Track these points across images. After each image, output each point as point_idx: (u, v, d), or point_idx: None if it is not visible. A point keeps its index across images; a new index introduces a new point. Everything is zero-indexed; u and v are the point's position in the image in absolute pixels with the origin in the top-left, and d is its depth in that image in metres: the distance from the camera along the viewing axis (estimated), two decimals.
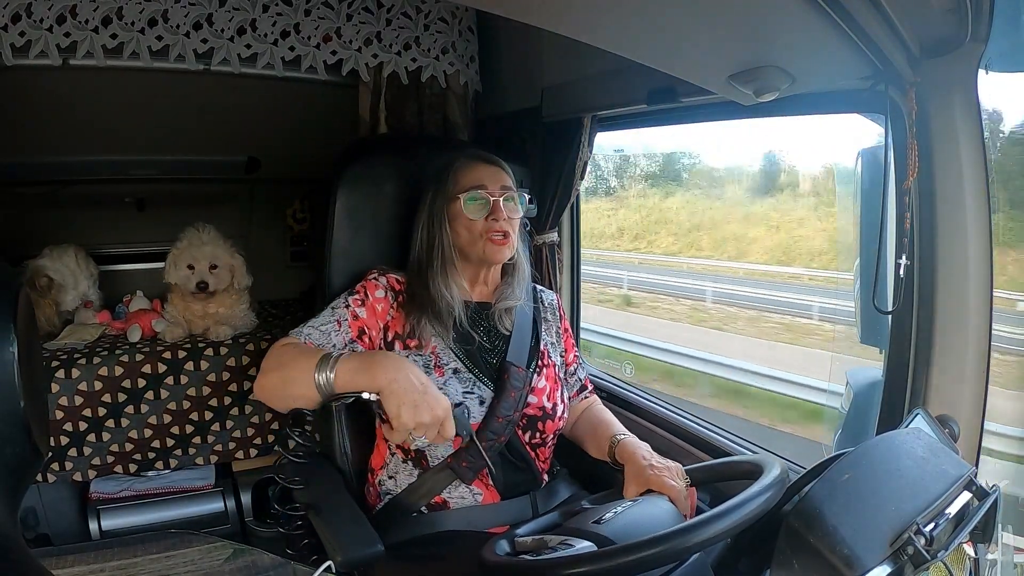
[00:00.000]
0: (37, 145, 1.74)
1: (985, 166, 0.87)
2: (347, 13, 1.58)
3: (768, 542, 0.67)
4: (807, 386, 3.27)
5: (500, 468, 1.06)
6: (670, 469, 0.96)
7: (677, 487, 0.93)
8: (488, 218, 1.07)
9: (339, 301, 1.08)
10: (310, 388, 0.92)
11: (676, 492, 0.92)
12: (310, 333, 1.04)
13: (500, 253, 1.09)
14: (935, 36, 0.84)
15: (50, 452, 1.48)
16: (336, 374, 0.91)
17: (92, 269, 1.81)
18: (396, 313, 1.09)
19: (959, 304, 0.89)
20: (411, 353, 1.06)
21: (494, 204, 1.07)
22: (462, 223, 1.08)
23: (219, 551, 0.97)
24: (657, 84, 1.19)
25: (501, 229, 1.08)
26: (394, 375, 0.89)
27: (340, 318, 1.06)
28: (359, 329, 1.06)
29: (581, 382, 1.23)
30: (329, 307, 1.08)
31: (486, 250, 1.08)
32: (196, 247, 1.65)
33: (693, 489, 0.96)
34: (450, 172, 1.11)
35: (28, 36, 1.33)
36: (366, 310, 1.07)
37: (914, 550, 0.61)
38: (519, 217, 1.11)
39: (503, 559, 0.76)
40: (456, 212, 1.09)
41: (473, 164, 1.11)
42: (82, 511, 1.61)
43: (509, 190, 1.10)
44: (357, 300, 1.07)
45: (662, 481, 0.93)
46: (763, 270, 4.90)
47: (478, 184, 1.08)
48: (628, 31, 0.77)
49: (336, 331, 1.05)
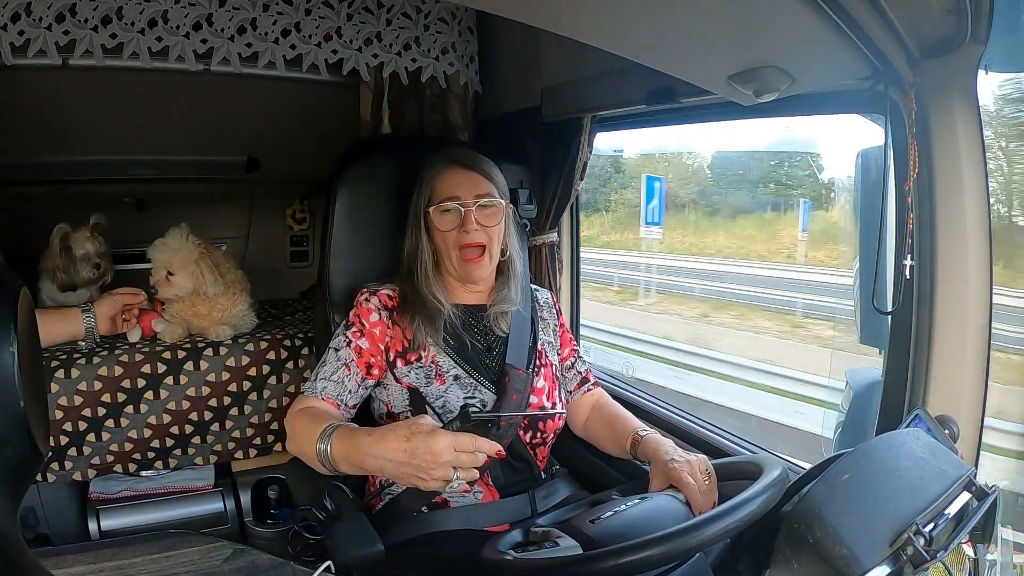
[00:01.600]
0: (37, 145, 1.73)
1: (985, 166, 0.87)
2: (347, 13, 1.58)
3: (768, 542, 0.67)
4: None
5: (500, 468, 1.07)
6: (691, 464, 0.95)
7: (691, 483, 0.92)
8: (460, 229, 1.06)
9: (340, 339, 1.07)
10: (322, 468, 0.92)
11: (691, 489, 0.92)
12: (324, 387, 1.04)
13: (475, 272, 1.08)
14: (935, 36, 0.84)
15: (50, 452, 1.47)
16: (333, 456, 0.90)
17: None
18: (393, 330, 1.08)
19: (959, 304, 0.89)
20: (412, 368, 1.06)
21: (466, 215, 1.06)
22: (436, 233, 1.08)
23: (218, 551, 0.97)
24: (657, 84, 1.20)
25: (473, 242, 1.06)
26: (380, 463, 0.84)
27: (346, 361, 1.05)
28: (366, 366, 1.06)
29: (581, 375, 1.23)
30: (332, 349, 1.07)
31: (460, 268, 1.08)
32: (155, 250, 1.56)
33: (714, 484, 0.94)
34: (428, 178, 1.10)
35: (27, 35, 1.34)
36: (366, 339, 1.07)
37: (913, 550, 0.61)
38: (498, 224, 1.09)
39: (497, 558, 0.76)
40: (432, 221, 1.08)
41: (448, 171, 1.09)
42: (82, 511, 1.61)
43: (485, 196, 1.08)
44: (356, 333, 1.07)
45: (680, 477, 0.93)
46: None
47: (450, 195, 1.07)
48: (628, 31, 0.77)
49: (347, 375, 1.05)
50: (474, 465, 0.82)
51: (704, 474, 0.94)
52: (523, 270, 1.20)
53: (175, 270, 1.55)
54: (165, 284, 1.55)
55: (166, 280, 1.55)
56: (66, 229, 1.68)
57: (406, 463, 0.81)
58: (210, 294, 1.59)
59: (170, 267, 1.54)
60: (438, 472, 0.80)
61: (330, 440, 0.90)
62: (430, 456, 0.80)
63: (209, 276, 1.58)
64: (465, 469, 0.81)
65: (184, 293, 1.57)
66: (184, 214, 2.09)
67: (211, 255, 1.62)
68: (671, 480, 0.94)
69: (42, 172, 1.87)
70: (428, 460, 0.80)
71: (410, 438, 0.82)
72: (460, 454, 0.81)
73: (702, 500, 0.92)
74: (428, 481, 0.81)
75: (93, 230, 1.67)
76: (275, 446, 1.68)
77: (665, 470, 0.96)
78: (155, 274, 1.55)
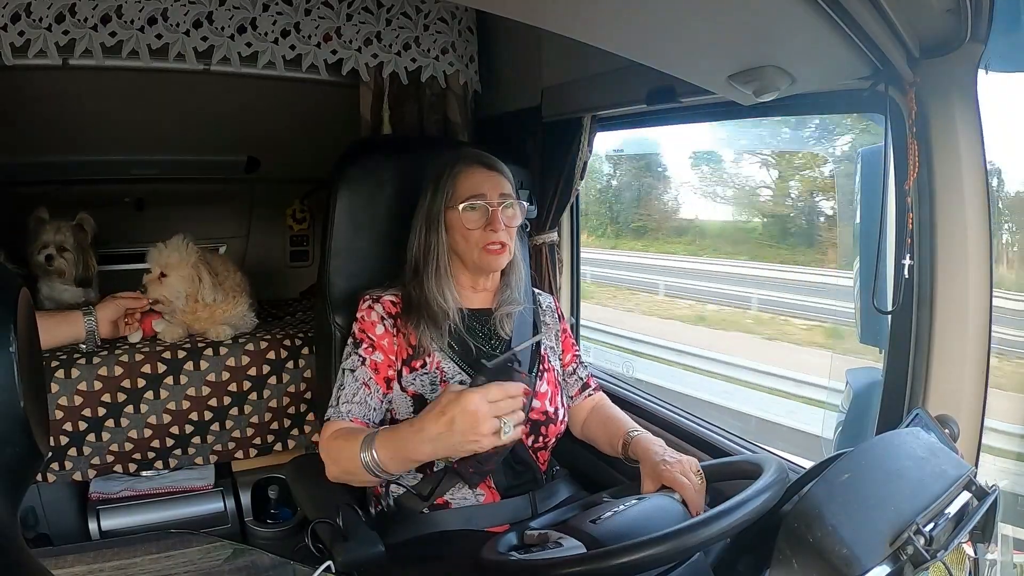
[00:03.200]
0: (37, 145, 1.73)
1: (985, 166, 0.87)
2: (347, 13, 1.58)
3: (768, 542, 0.67)
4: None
5: (501, 471, 1.07)
6: (683, 464, 0.95)
7: (687, 483, 0.92)
8: (486, 228, 1.07)
9: (354, 360, 1.06)
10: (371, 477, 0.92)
11: (686, 488, 0.92)
12: (349, 410, 1.03)
13: (496, 261, 1.09)
14: (935, 36, 0.84)
15: (50, 452, 1.47)
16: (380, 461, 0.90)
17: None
18: (398, 338, 1.08)
19: (959, 304, 0.89)
20: (418, 375, 1.06)
21: (492, 214, 1.06)
22: (459, 232, 1.08)
23: (219, 551, 0.97)
24: (657, 84, 1.19)
25: (499, 240, 1.07)
26: (429, 447, 0.86)
27: (364, 380, 1.05)
28: (385, 380, 1.06)
29: (583, 380, 1.23)
30: (347, 371, 1.06)
31: (481, 259, 1.08)
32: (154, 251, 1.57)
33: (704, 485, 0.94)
34: (449, 177, 1.09)
35: (27, 35, 1.33)
36: (379, 352, 1.06)
37: (914, 550, 0.61)
38: (518, 224, 1.11)
39: (494, 558, 0.76)
40: (454, 220, 1.08)
41: (472, 170, 1.09)
42: (82, 511, 1.61)
43: (508, 197, 1.09)
44: (368, 349, 1.06)
45: (673, 477, 0.93)
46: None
47: (477, 193, 1.07)
48: (628, 31, 0.77)
49: (368, 394, 1.04)
50: (513, 408, 0.84)
51: (696, 475, 0.94)
52: (525, 270, 1.20)
53: (169, 271, 1.56)
54: (156, 283, 1.55)
55: (158, 280, 1.55)
56: (42, 214, 1.69)
57: (451, 434, 0.83)
58: (208, 300, 1.60)
59: (165, 268, 1.55)
60: (484, 428, 0.82)
61: (372, 447, 0.90)
62: (469, 418, 0.82)
63: (207, 280, 1.58)
64: (509, 415, 0.83)
65: (174, 296, 1.57)
66: (184, 214, 2.10)
67: (212, 262, 1.64)
68: (663, 480, 0.94)
69: (42, 172, 1.87)
70: (469, 423, 0.82)
71: (445, 411, 0.84)
72: (496, 403, 0.83)
73: (697, 499, 0.92)
74: (481, 440, 0.83)
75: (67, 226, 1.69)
76: (275, 446, 1.68)
77: (657, 470, 0.96)
78: (149, 273, 1.56)
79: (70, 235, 1.69)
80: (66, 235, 1.69)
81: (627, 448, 1.06)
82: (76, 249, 1.71)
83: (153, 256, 1.56)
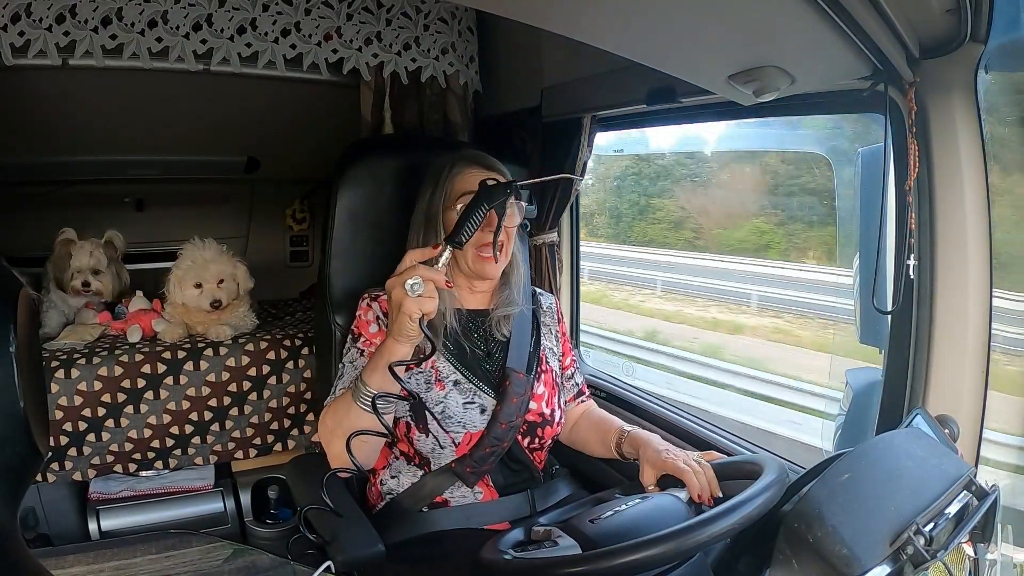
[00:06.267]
0: (37, 145, 1.74)
1: (985, 166, 0.87)
2: (347, 13, 1.58)
3: (768, 542, 0.67)
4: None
5: (498, 470, 1.07)
6: (685, 454, 0.96)
7: (688, 469, 0.92)
8: (484, 229, 1.06)
9: (353, 352, 1.06)
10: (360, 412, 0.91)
11: (689, 476, 0.92)
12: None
13: (488, 269, 1.08)
14: (935, 36, 0.84)
15: (50, 452, 1.48)
16: (362, 377, 0.91)
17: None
18: None
19: (959, 304, 0.89)
20: (412, 374, 1.05)
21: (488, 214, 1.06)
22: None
23: (218, 551, 0.97)
24: (657, 84, 1.19)
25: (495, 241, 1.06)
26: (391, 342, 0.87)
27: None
28: None
29: (578, 387, 1.23)
30: (347, 363, 1.06)
31: (475, 264, 1.07)
32: (200, 266, 1.61)
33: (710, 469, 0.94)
34: (446, 177, 1.09)
35: (27, 36, 1.33)
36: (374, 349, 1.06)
37: (913, 550, 0.61)
38: (516, 225, 1.10)
39: (496, 558, 0.76)
40: (450, 220, 1.07)
41: (469, 171, 1.09)
42: (82, 511, 1.61)
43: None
44: (365, 342, 1.06)
45: (676, 464, 0.94)
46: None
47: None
48: (628, 31, 0.77)
49: None
50: (408, 270, 0.84)
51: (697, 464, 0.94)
52: (524, 271, 1.20)
53: (225, 276, 1.65)
54: (221, 292, 1.64)
55: (219, 288, 1.64)
56: (70, 235, 1.69)
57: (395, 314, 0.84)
58: (247, 290, 1.71)
59: (220, 274, 1.64)
60: (396, 294, 0.83)
61: (359, 377, 0.91)
62: (393, 295, 0.84)
63: (244, 276, 1.69)
64: (408, 276, 0.83)
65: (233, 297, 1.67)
66: (184, 214, 2.11)
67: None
68: (666, 469, 0.95)
69: (42, 172, 1.87)
70: (394, 298, 0.84)
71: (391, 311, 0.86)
72: (399, 274, 0.84)
73: (703, 483, 0.91)
74: (402, 305, 0.83)
75: (98, 246, 1.70)
76: (275, 446, 1.68)
77: (660, 460, 0.96)
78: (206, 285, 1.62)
79: (102, 255, 1.70)
80: (99, 256, 1.70)
81: (622, 444, 1.07)
82: (108, 268, 1.72)
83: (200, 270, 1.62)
